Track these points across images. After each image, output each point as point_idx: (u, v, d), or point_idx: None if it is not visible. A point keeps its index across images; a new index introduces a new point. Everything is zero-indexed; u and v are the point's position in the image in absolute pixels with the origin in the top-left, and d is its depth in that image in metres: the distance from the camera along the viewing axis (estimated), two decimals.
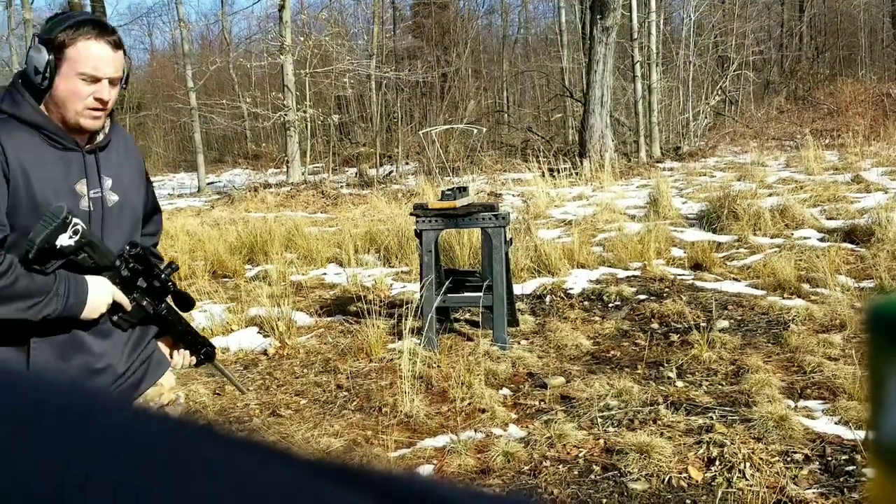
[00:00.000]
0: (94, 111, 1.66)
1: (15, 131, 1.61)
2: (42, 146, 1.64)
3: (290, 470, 0.17)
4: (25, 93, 1.66)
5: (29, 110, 1.64)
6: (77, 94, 1.63)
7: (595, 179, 11.03)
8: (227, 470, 0.16)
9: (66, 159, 1.67)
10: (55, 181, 1.64)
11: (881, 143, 12.16)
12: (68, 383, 0.18)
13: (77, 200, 1.68)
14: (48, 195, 1.62)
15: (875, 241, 5.78)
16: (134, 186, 1.85)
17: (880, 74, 21.28)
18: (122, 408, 0.18)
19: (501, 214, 4.37)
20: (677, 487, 2.71)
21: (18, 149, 1.59)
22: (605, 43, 12.62)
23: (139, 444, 0.16)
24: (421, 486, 0.19)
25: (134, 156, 1.90)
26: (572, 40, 21.00)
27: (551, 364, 4.07)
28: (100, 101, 1.66)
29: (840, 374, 3.53)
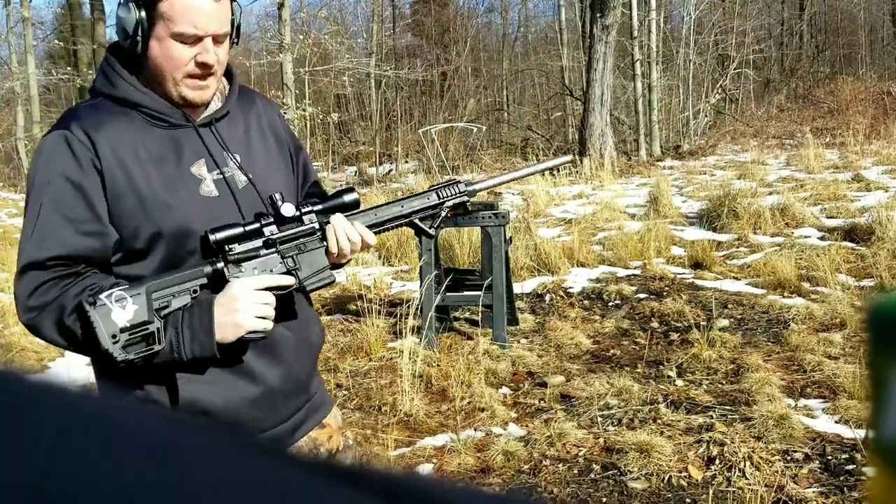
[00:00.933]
0: (197, 79, 1.34)
1: (108, 116, 1.33)
2: (144, 128, 1.35)
3: (290, 469, 0.17)
4: (118, 65, 1.36)
5: (124, 87, 1.35)
6: (174, 60, 1.32)
7: (595, 178, 11.03)
8: (230, 469, 0.16)
9: (174, 139, 1.36)
10: (164, 167, 1.34)
11: (881, 141, 12.15)
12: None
13: (196, 186, 1.36)
14: (156, 186, 1.32)
15: (875, 239, 5.78)
16: (270, 162, 1.49)
17: (881, 73, 21.27)
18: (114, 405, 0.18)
19: (501, 213, 4.37)
20: (677, 486, 2.71)
21: (113, 138, 1.31)
22: (605, 41, 12.61)
23: (134, 441, 0.16)
24: (421, 485, 0.19)
25: (268, 124, 1.53)
26: (572, 38, 20.99)
27: (551, 363, 4.07)
28: (203, 65, 1.33)
29: (840, 373, 3.53)
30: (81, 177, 1.30)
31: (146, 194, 1.32)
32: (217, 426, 0.18)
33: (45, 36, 21.96)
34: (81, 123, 1.31)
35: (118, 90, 1.36)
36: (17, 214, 10.83)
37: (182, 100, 1.36)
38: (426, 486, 0.19)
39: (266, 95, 1.64)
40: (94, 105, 1.36)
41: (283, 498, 0.16)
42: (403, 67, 18.90)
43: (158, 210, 1.32)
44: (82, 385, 0.70)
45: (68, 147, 1.29)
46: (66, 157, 1.29)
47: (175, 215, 1.33)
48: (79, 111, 1.35)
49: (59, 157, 1.30)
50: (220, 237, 1.33)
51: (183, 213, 1.33)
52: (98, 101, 1.36)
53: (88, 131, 1.31)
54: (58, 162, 1.30)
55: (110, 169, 1.31)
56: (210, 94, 1.38)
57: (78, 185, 1.30)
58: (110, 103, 1.35)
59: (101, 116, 1.33)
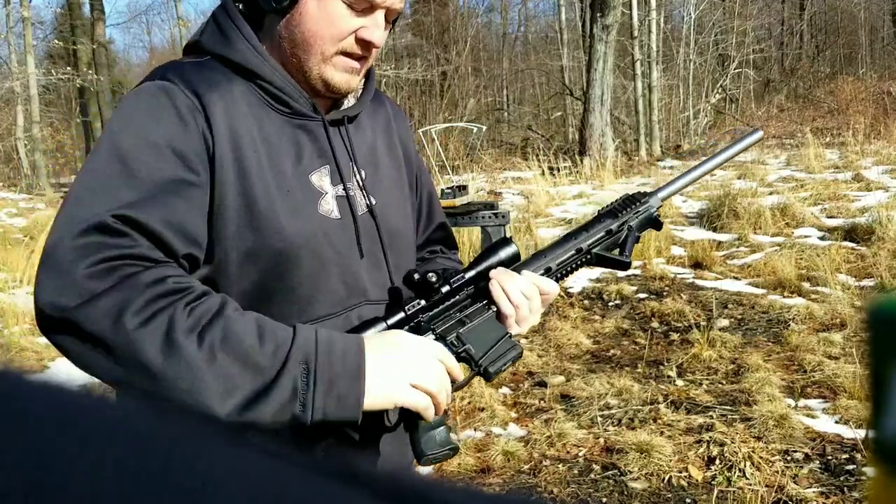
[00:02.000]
0: (353, 59, 1.02)
1: (225, 87, 0.99)
2: (263, 111, 1.01)
3: (290, 469, 0.17)
4: (240, 19, 1.03)
5: (244, 49, 1.01)
6: (334, 28, 0.99)
7: (595, 178, 11.03)
8: (229, 470, 0.16)
9: (295, 132, 1.03)
10: (281, 165, 1.00)
11: (882, 141, 12.15)
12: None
13: (315, 199, 1.02)
14: (271, 189, 0.97)
15: (875, 239, 5.78)
16: (395, 188, 1.15)
17: (881, 72, 21.27)
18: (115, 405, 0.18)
19: (501, 213, 4.37)
20: (677, 486, 2.71)
21: (231, 109, 0.97)
22: (606, 41, 12.61)
23: (134, 441, 0.16)
24: (420, 485, 0.19)
25: (400, 140, 1.21)
26: (572, 38, 20.99)
27: (551, 363, 4.07)
28: (365, 44, 1.01)
29: (840, 373, 3.53)
30: (187, 148, 0.93)
31: (257, 196, 0.96)
32: (217, 426, 0.18)
33: (45, 36, 21.97)
34: (189, 80, 0.97)
35: (235, 52, 1.01)
36: (17, 214, 10.82)
37: (323, 84, 1.02)
38: (426, 487, 0.19)
39: (395, 102, 1.29)
40: (202, 64, 1.01)
41: (282, 498, 0.16)
42: (403, 67, 18.90)
43: (266, 221, 0.96)
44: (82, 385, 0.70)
45: (173, 105, 0.94)
46: (170, 117, 0.94)
47: (285, 234, 0.97)
48: (183, 67, 1.00)
49: (160, 116, 0.93)
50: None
51: (296, 232, 0.98)
52: (206, 61, 1.01)
53: (199, 91, 0.96)
54: (158, 122, 0.93)
55: (222, 149, 0.95)
56: (357, 85, 1.06)
57: (183, 156, 0.93)
58: (222, 69, 1.01)
59: (214, 77, 0.99)
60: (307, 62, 1.02)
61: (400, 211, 1.15)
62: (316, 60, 1.01)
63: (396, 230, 1.12)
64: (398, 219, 1.13)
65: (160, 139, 0.92)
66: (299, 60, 1.02)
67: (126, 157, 0.91)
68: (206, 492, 0.15)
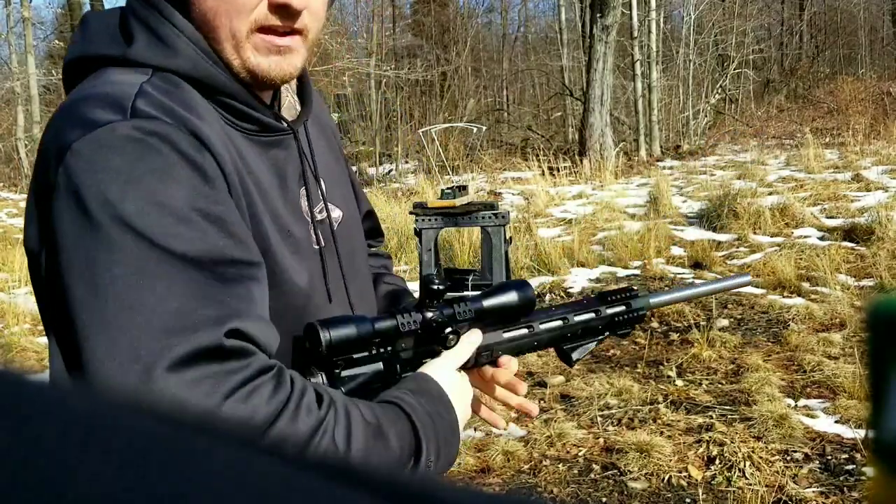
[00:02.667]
0: (275, 35, 0.79)
1: (201, 104, 0.78)
2: (233, 133, 0.81)
3: (290, 468, 0.17)
4: (175, 14, 0.79)
5: (199, 59, 0.78)
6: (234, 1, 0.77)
7: (595, 178, 11.03)
8: (225, 468, 0.16)
9: (272, 156, 0.85)
10: (275, 203, 0.84)
11: (881, 141, 12.15)
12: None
13: (307, 230, 0.89)
14: (277, 242, 0.83)
15: (875, 239, 5.78)
16: (347, 190, 1.03)
17: (880, 73, 21.27)
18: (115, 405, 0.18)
19: (501, 213, 4.37)
20: (677, 486, 2.71)
21: (227, 151, 0.78)
22: (605, 41, 12.61)
23: (134, 442, 0.16)
24: (420, 485, 0.19)
25: (332, 132, 1.05)
26: (572, 38, 20.99)
27: (551, 363, 4.07)
28: (284, 8, 0.77)
29: (840, 373, 3.53)
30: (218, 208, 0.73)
31: (273, 247, 0.80)
32: (217, 427, 0.18)
33: (45, 36, 21.98)
34: (181, 114, 0.74)
35: (183, 60, 0.77)
36: (17, 215, 10.82)
37: (249, 75, 0.80)
38: (426, 486, 0.19)
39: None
40: (156, 84, 0.76)
41: (281, 498, 0.16)
42: (403, 67, 18.90)
43: (282, 275, 0.82)
44: (79, 386, 0.69)
45: (181, 156, 0.71)
46: (187, 173, 0.71)
47: (300, 281, 0.84)
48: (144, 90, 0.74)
49: (177, 176, 0.70)
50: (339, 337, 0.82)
51: (309, 277, 0.86)
52: (155, 78, 0.77)
53: (196, 129, 0.74)
54: (176, 184, 0.70)
55: (237, 196, 0.77)
56: (296, 66, 0.82)
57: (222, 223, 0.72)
58: (176, 80, 0.78)
59: (186, 100, 0.76)
60: (223, 52, 0.79)
61: (356, 212, 1.04)
62: (230, 47, 0.78)
63: (360, 239, 1.02)
64: (357, 225, 1.03)
65: (192, 209, 0.70)
66: (216, 53, 0.79)
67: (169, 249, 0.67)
68: (206, 491, 0.15)
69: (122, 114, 0.70)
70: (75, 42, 0.81)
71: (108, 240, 0.66)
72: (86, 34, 0.80)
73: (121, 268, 0.66)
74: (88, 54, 0.79)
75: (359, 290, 0.97)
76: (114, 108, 0.71)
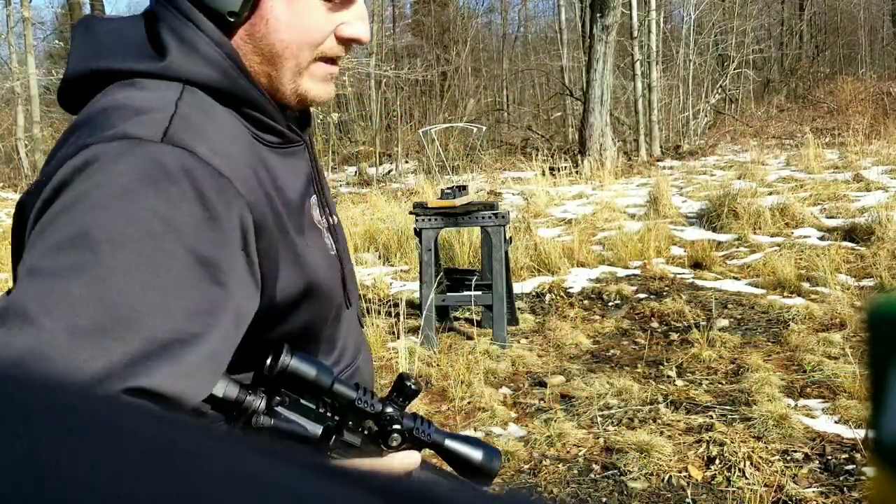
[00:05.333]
0: (332, 64, 0.82)
1: (229, 131, 0.76)
2: (256, 145, 0.80)
3: (290, 469, 0.17)
4: (211, 27, 0.77)
5: (233, 72, 0.77)
6: (312, 31, 0.78)
7: (595, 178, 11.03)
8: (225, 468, 0.16)
9: (291, 166, 0.85)
10: (298, 210, 0.83)
11: (881, 141, 12.16)
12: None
13: (321, 240, 0.88)
14: (300, 236, 0.82)
15: (875, 239, 5.78)
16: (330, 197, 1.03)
17: (880, 73, 21.28)
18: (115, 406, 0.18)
19: (501, 213, 4.37)
20: (677, 486, 2.71)
21: (258, 176, 0.76)
22: (605, 41, 12.61)
23: (134, 443, 0.16)
24: (421, 484, 0.19)
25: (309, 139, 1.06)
26: (572, 38, 20.99)
27: (551, 363, 4.07)
28: (350, 43, 0.82)
29: (840, 373, 3.53)
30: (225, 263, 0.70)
31: (306, 258, 0.81)
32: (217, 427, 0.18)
33: (45, 36, 21.98)
34: (210, 142, 0.72)
35: (220, 74, 0.77)
36: None
37: (298, 100, 0.82)
38: (426, 486, 0.19)
39: None
40: (191, 103, 0.74)
41: (281, 498, 0.16)
42: (403, 67, 18.90)
43: (320, 282, 0.83)
44: (82, 386, 0.69)
45: (200, 200, 0.68)
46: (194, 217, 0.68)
47: (329, 289, 0.85)
48: (184, 114, 0.72)
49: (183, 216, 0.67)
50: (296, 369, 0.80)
51: (332, 284, 0.86)
52: (186, 94, 0.75)
53: (231, 162, 0.72)
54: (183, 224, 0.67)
55: (269, 237, 0.75)
56: (334, 93, 0.87)
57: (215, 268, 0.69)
58: (202, 97, 0.76)
59: (225, 122, 0.76)
60: (279, 77, 0.80)
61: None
62: (290, 74, 0.80)
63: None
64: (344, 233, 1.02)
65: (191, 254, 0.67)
66: (269, 78, 0.80)
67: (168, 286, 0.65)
68: (205, 491, 0.15)
69: (155, 134, 0.68)
70: (81, 52, 0.77)
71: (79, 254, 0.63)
72: (97, 44, 0.76)
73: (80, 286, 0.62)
74: (118, 68, 0.75)
75: (356, 297, 0.98)
76: (151, 126, 0.69)
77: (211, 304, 0.68)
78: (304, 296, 0.80)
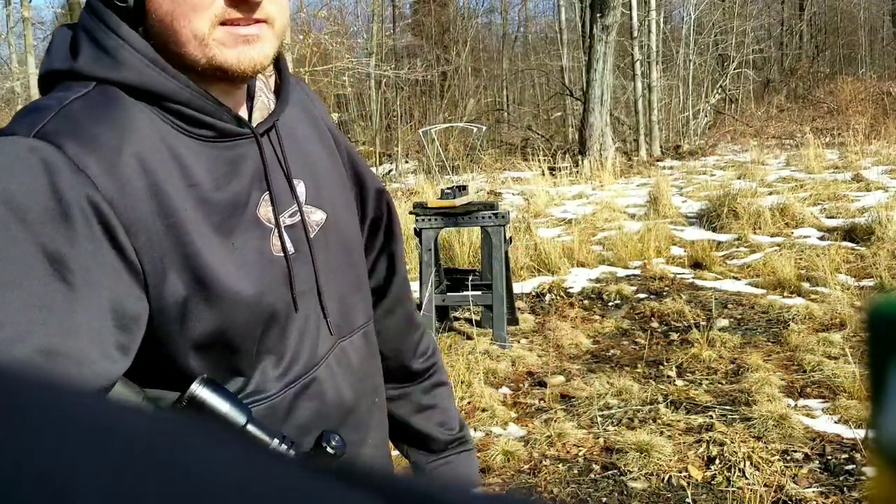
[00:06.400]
0: (237, 25, 0.77)
1: (128, 122, 0.75)
2: (178, 141, 0.78)
3: (290, 469, 0.17)
4: (121, 23, 0.77)
5: (144, 67, 0.76)
6: None
7: (595, 178, 11.03)
8: (226, 469, 0.16)
9: (227, 162, 0.81)
10: (224, 215, 0.79)
11: (881, 141, 12.16)
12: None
13: (265, 240, 0.83)
14: (220, 255, 0.78)
15: (875, 239, 5.78)
16: (341, 191, 0.96)
17: (880, 73, 21.28)
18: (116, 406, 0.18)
19: (501, 213, 4.37)
20: (677, 486, 2.71)
21: (150, 172, 0.74)
22: (605, 41, 12.62)
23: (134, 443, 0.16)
24: (420, 485, 0.19)
25: (325, 123, 0.99)
26: (572, 38, 20.99)
27: (551, 363, 4.07)
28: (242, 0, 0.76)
29: (840, 373, 3.53)
30: (74, 262, 0.69)
31: (205, 259, 0.76)
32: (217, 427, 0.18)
33: (45, 36, 21.98)
34: (95, 140, 0.72)
35: (130, 71, 0.76)
36: None
37: (218, 71, 0.77)
38: (426, 486, 0.19)
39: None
40: (91, 99, 0.75)
41: (281, 498, 0.16)
42: (403, 67, 18.90)
43: (223, 285, 0.78)
44: (80, 385, 0.69)
45: (51, 186, 0.69)
46: (45, 205, 0.68)
47: (243, 292, 0.79)
48: (72, 110, 0.73)
49: (34, 199, 0.68)
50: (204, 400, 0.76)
51: (258, 288, 0.81)
52: (93, 92, 0.75)
53: (105, 159, 0.72)
54: (34, 218, 0.67)
55: (145, 239, 0.73)
56: (266, 54, 0.79)
57: (61, 264, 0.68)
58: (114, 94, 0.76)
59: (125, 120, 0.75)
60: (187, 55, 0.76)
61: (350, 218, 0.97)
62: (194, 48, 0.76)
63: (349, 242, 0.95)
64: (350, 227, 0.96)
65: (35, 246, 0.67)
66: (180, 58, 0.77)
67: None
68: (205, 490, 0.15)
69: (29, 130, 0.70)
70: (45, 58, 0.81)
71: None
72: (49, 50, 0.80)
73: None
74: (46, 71, 0.80)
75: (338, 297, 0.91)
76: (28, 124, 0.71)
77: (48, 301, 0.66)
78: (204, 300, 0.76)
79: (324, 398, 0.88)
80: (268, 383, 0.83)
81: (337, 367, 0.90)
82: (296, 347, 0.85)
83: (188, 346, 0.77)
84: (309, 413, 0.86)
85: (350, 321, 0.93)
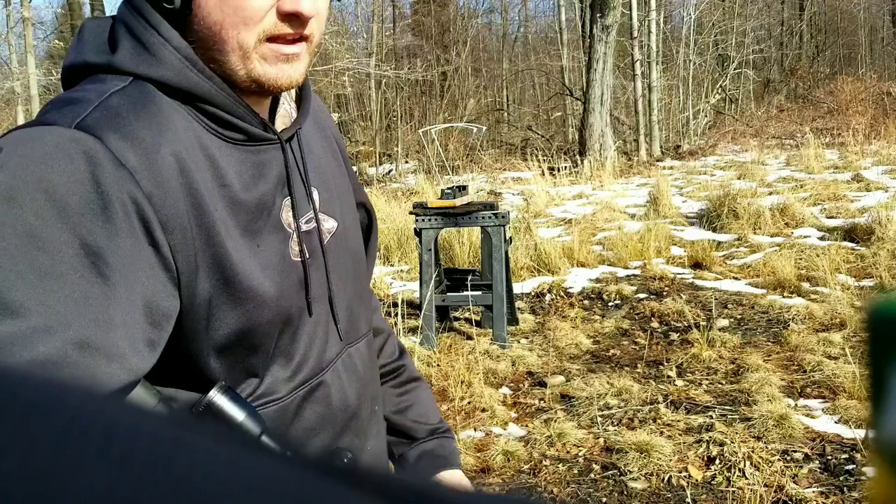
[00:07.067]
0: (284, 43, 0.78)
1: (164, 119, 0.75)
2: (211, 142, 0.79)
3: (290, 469, 0.17)
4: (163, 23, 0.77)
5: (184, 68, 0.77)
6: (245, 10, 0.75)
7: (595, 178, 11.03)
8: (225, 469, 0.16)
9: (255, 165, 0.82)
10: (250, 216, 0.81)
11: (881, 141, 12.15)
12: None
13: (286, 244, 0.85)
14: (246, 257, 0.79)
15: (875, 239, 5.78)
16: (348, 201, 0.98)
17: (880, 73, 21.28)
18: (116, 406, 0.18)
19: (501, 213, 4.37)
20: (677, 486, 2.71)
21: (186, 171, 0.75)
22: (605, 41, 12.61)
23: (136, 442, 0.16)
24: (420, 485, 0.19)
25: (334, 134, 1.02)
26: (572, 38, 20.99)
27: (551, 363, 4.07)
28: (293, 17, 0.76)
29: (840, 373, 3.53)
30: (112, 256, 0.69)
31: (233, 257, 0.77)
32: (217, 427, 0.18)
33: (45, 36, 21.97)
34: (134, 134, 0.72)
35: (168, 70, 0.76)
36: None
37: (256, 85, 0.79)
38: (426, 486, 0.19)
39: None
40: (129, 94, 0.74)
41: (281, 498, 0.16)
42: (403, 67, 18.90)
43: (249, 284, 0.79)
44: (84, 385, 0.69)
45: (95, 186, 0.68)
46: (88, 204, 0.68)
47: (266, 293, 0.81)
48: (112, 104, 0.73)
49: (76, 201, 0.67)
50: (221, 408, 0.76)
51: (279, 290, 0.83)
52: (130, 87, 0.75)
53: (145, 155, 0.72)
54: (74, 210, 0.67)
55: (183, 233, 0.73)
56: (301, 73, 0.81)
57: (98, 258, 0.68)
58: (150, 91, 0.76)
59: (162, 117, 0.75)
60: (227, 63, 0.77)
61: (357, 230, 1.00)
62: (237, 58, 0.77)
63: (356, 252, 0.97)
64: (356, 238, 0.98)
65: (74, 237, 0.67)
66: (220, 65, 0.78)
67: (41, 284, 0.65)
68: (204, 490, 0.15)
69: (71, 121, 0.70)
70: (72, 49, 0.81)
71: None
72: (80, 41, 0.80)
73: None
74: (79, 62, 0.79)
75: (347, 303, 0.93)
76: (68, 114, 0.71)
77: (85, 294, 0.66)
78: (230, 300, 0.77)
79: (330, 402, 0.89)
80: (278, 385, 0.84)
81: (344, 371, 0.92)
82: (305, 351, 0.86)
83: (210, 345, 0.78)
84: (315, 416, 0.87)
85: (356, 328, 0.96)
